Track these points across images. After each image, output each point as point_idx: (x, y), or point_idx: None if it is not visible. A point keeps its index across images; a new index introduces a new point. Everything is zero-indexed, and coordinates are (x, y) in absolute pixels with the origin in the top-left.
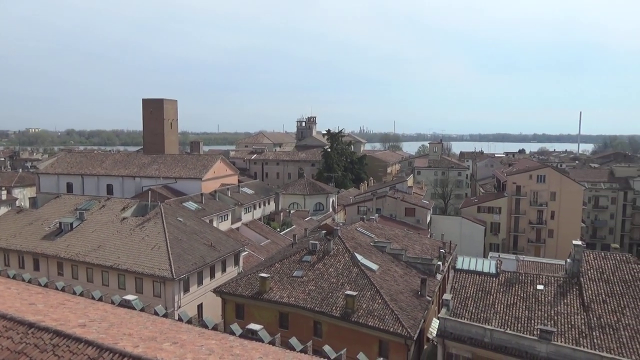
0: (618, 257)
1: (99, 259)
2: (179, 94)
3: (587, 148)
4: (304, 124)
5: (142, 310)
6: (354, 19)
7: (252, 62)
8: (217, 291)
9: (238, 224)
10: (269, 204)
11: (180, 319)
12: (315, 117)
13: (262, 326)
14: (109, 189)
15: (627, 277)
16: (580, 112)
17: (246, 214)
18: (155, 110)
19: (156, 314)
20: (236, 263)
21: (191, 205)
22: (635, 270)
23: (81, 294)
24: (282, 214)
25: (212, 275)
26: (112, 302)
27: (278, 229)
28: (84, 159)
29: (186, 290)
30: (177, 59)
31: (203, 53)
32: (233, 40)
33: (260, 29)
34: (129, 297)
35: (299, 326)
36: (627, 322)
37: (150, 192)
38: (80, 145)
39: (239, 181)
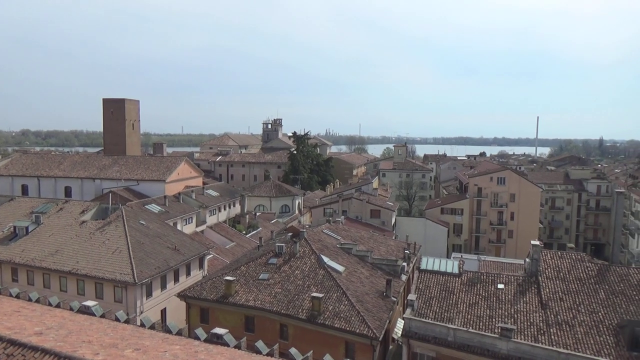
0: (573, 256)
1: (57, 264)
2: (141, 94)
3: (544, 151)
4: (269, 126)
5: (102, 316)
6: (319, 22)
7: (217, 63)
8: (182, 295)
9: (203, 227)
10: (234, 206)
11: (142, 325)
12: (281, 119)
13: (227, 330)
14: (67, 192)
15: (582, 275)
16: (538, 117)
17: (211, 216)
18: (117, 111)
19: (117, 320)
20: (201, 266)
21: (154, 207)
22: (589, 269)
23: (37, 301)
24: (247, 216)
25: (176, 279)
26: (71, 309)
27: (244, 232)
28: (40, 160)
29: (149, 295)
30: (140, 58)
31: (166, 53)
32: (198, 41)
33: (226, 30)
34: (89, 303)
35: (265, 329)
36: (582, 318)
37: (111, 194)
38: (36, 146)
39: (204, 183)
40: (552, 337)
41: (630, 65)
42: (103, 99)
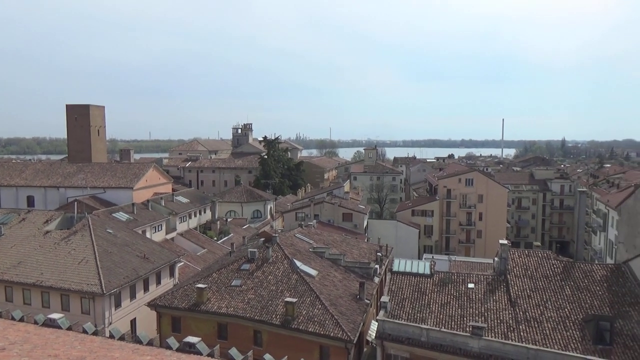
0: (540, 254)
1: (20, 276)
2: (107, 99)
3: (510, 153)
4: (239, 130)
5: (69, 329)
6: (288, 27)
7: (186, 68)
8: (152, 305)
9: (173, 234)
10: (205, 212)
11: (111, 336)
12: (251, 124)
13: (200, 338)
14: (30, 201)
15: (548, 272)
16: (503, 119)
17: (181, 223)
18: (81, 117)
19: (85, 332)
20: (171, 274)
21: (122, 215)
22: (555, 266)
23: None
24: (218, 222)
25: (146, 289)
26: (35, 322)
27: (215, 238)
28: (0, 168)
29: (118, 305)
30: (105, 63)
31: (133, 57)
32: (165, 45)
33: (193, 34)
34: (54, 315)
35: (239, 336)
36: (549, 314)
37: (76, 203)
38: None
39: (173, 190)
40: (522, 333)
41: (589, 70)
42: (66, 105)
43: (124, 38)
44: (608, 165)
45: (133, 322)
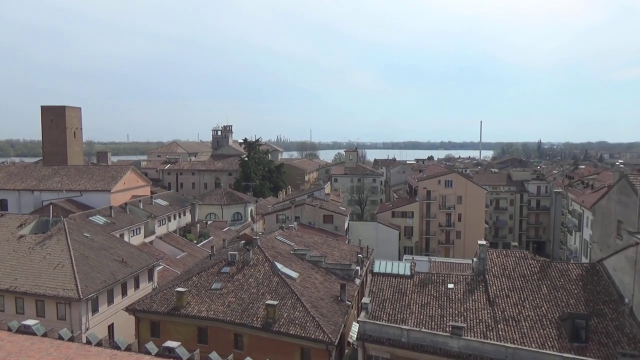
0: (517, 254)
1: None
2: (83, 101)
3: (488, 154)
4: (219, 132)
5: (44, 335)
6: (268, 28)
7: (165, 69)
8: (130, 309)
9: (152, 238)
10: (184, 215)
11: (88, 342)
12: (231, 126)
13: (179, 343)
14: (3, 205)
15: (525, 272)
16: (481, 122)
17: (160, 226)
18: (56, 119)
19: (61, 338)
20: (150, 278)
21: (99, 219)
22: (532, 266)
23: None
24: (198, 225)
25: (124, 293)
26: (9, 329)
27: (195, 241)
28: None
29: (95, 310)
30: (83, 64)
31: (110, 58)
32: (143, 47)
33: (173, 35)
34: (29, 322)
35: (219, 340)
36: (527, 313)
37: (51, 206)
38: None
39: (152, 192)
40: (500, 332)
41: (564, 73)
42: (42, 107)
43: (104, 38)
44: (583, 167)
45: (111, 328)
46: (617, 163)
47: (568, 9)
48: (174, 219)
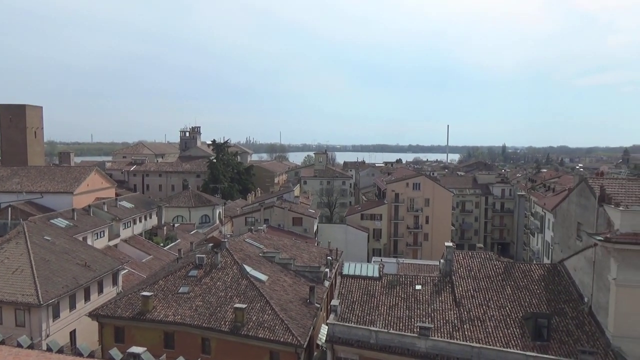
0: (482, 256)
1: None
2: (45, 100)
3: (454, 158)
4: (187, 134)
5: (1, 343)
6: (237, 29)
7: (130, 69)
8: (93, 315)
9: (116, 241)
10: (150, 218)
11: (49, 349)
12: (199, 127)
13: (145, 348)
14: None
15: (490, 273)
16: (448, 126)
17: (125, 229)
18: (16, 117)
19: (19, 346)
20: (115, 283)
21: (61, 222)
22: (497, 267)
23: None
24: (165, 228)
25: (87, 298)
26: None
27: (161, 244)
28: None
29: (56, 316)
30: (43, 61)
31: (73, 57)
32: (108, 45)
33: (139, 35)
34: None
35: (186, 345)
36: (492, 313)
37: (10, 209)
38: None
39: (117, 194)
40: (466, 332)
41: (527, 79)
42: (0, 105)
43: (65, 34)
44: (544, 170)
45: (73, 334)
46: (577, 167)
47: (530, 17)
48: (140, 221)
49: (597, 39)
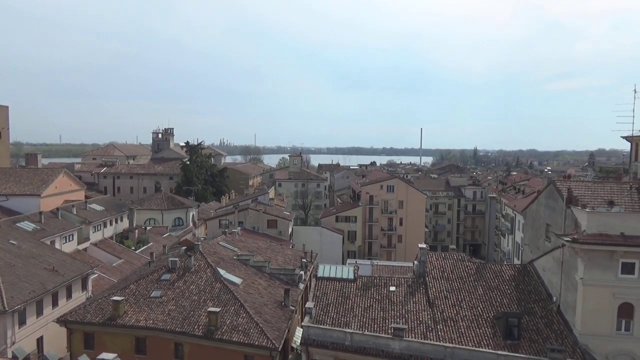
0: (455, 257)
1: None
2: (10, 99)
3: (428, 160)
4: (160, 135)
5: None
6: (212, 30)
7: (100, 68)
8: (62, 320)
9: (86, 244)
10: (122, 220)
11: (15, 357)
12: (172, 129)
13: (115, 354)
14: None
15: (463, 274)
16: (421, 129)
17: (95, 232)
18: None
19: None
20: (84, 287)
21: (27, 225)
22: (469, 268)
23: None
24: (137, 231)
25: (55, 304)
26: None
27: (133, 248)
28: None
29: (22, 322)
30: (6, 58)
31: (39, 54)
32: (79, 45)
33: (112, 34)
34: None
35: (158, 350)
36: (464, 314)
37: None
38: None
39: (87, 197)
40: (439, 333)
41: (497, 84)
42: None
43: (36, 34)
44: (514, 173)
45: (40, 341)
46: (546, 170)
47: (501, 22)
48: (111, 224)
49: (566, 46)
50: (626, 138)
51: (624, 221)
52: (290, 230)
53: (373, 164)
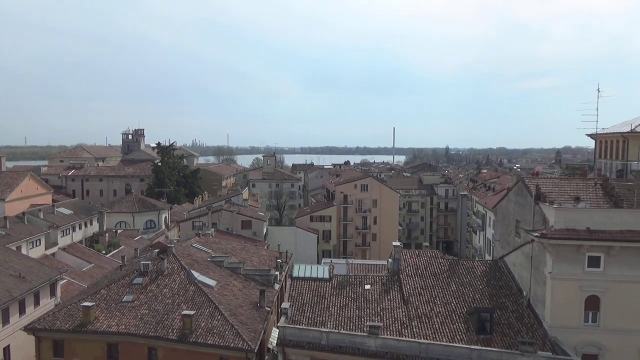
0: (428, 254)
1: None
2: None
3: (401, 159)
4: (130, 136)
5: None
6: (181, 27)
7: (70, 69)
8: (30, 328)
9: (54, 249)
10: (91, 224)
11: None
12: (143, 129)
13: None
14: None
15: (436, 270)
16: (394, 128)
17: (64, 237)
18: None
19: None
20: (53, 294)
21: None
22: (442, 265)
23: None
24: (107, 234)
25: (22, 311)
26: None
27: (103, 252)
28: None
29: None
30: None
31: (4, 53)
32: (45, 44)
33: (78, 33)
34: None
35: (131, 356)
36: (438, 310)
37: None
38: None
39: (54, 201)
40: (414, 329)
41: (468, 83)
42: None
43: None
44: (485, 171)
45: (7, 350)
46: (515, 167)
47: (467, 22)
48: (80, 228)
49: (532, 46)
50: (591, 136)
51: (589, 216)
52: (264, 230)
53: (347, 163)
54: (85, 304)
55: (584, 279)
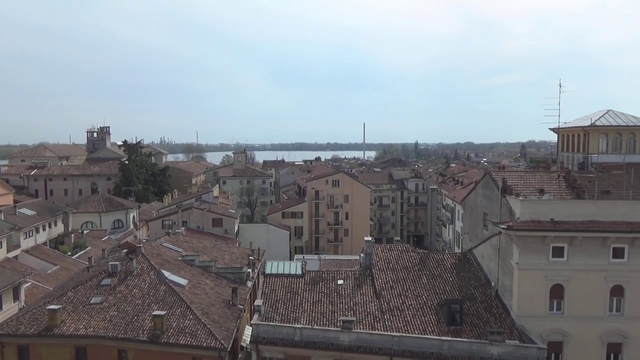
0: (400, 248)
1: None
2: None
3: (371, 155)
4: (95, 134)
5: None
6: (147, 22)
7: (30, 64)
8: None
9: (16, 252)
10: (56, 225)
11: None
12: (108, 127)
13: None
14: None
15: (407, 264)
16: (364, 124)
17: (27, 239)
18: None
19: None
20: (16, 298)
21: None
22: (413, 258)
23: None
24: (73, 235)
25: None
26: None
27: (69, 253)
28: None
29: None
30: None
31: None
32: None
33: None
34: None
35: (101, 358)
36: (409, 302)
37: None
38: None
39: (15, 201)
40: (387, 322)
41: (435, 78)
42: None
43: None
44: (453, 165)
45: None
46: (482, 161)
47: (433, 18)
48: (44, 229)
49: (496, 42)
50: (553, 130)
51: (553, 208)
52: (236, 228)
53: (318, 159)
54: (51, 307)
55: (548, 268)
